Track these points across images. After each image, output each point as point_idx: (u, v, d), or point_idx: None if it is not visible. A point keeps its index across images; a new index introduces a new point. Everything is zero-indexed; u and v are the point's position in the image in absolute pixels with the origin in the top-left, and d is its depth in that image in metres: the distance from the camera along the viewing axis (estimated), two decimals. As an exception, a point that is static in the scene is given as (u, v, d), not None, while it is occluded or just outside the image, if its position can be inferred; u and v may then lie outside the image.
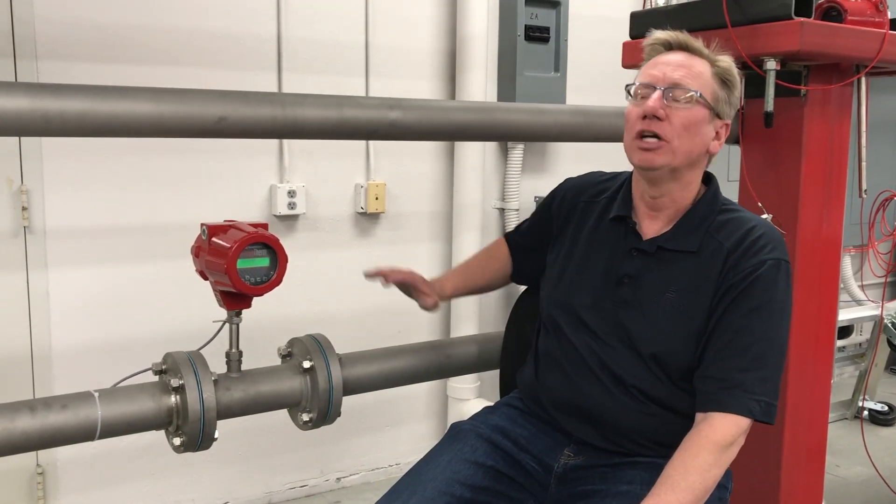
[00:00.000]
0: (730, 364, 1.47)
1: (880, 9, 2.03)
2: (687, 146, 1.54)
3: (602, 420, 1.58)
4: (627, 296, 1.58)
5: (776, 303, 1.50)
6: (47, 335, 2.64)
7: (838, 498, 3.18)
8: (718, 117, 1.57)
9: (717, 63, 1.58)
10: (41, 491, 2.68)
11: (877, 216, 3.86)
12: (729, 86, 1.58)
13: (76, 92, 1.45)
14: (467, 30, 3.16)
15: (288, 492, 3.16)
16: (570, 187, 1.80)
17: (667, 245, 1.58)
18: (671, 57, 1.58)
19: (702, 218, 1.58)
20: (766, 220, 1.63)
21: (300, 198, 2.97)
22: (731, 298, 1.50)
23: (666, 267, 1.57)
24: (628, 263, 1.60)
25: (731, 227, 1.56)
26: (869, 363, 3.91)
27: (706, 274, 1.53)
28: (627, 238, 1.62)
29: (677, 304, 1.53)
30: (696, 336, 1.52)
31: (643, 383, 1.55)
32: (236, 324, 1.60)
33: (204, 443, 1.51)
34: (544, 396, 1.66)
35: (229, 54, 2.83)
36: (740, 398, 1.45)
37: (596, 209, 1.71)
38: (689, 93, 1.53)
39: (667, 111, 1.52)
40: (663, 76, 1.54)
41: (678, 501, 1.37)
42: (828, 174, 2.13)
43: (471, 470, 1.57)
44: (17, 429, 1.38)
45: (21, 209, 2.55)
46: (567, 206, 1.76)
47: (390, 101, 1.77)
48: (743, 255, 1.52)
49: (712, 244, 1.55)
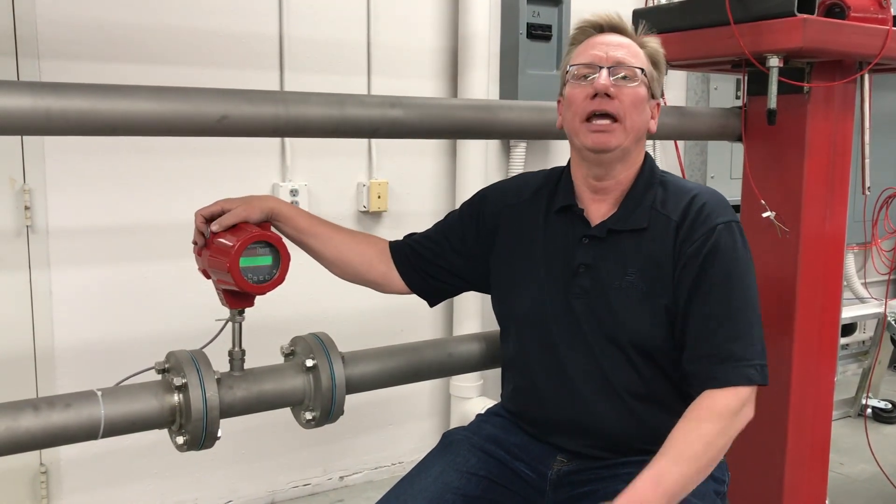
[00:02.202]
0: (716, 338, 1.46)
1: (883, 5, 2.02)
2: (637, 124, 1.54)
3: (587, 431, 1.56)
4: (586, 284, 1.55)
5: (741, 263, 1.50)
6: (50, 334, 2.64)
7: (842, 496, 3.18)
8: (652, 97, 1.57)
9: (647, 44, 1.58)
10: (45, 490, 2.69)
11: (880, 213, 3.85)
12: (658, 66, 1.59)
13: (78, 91, 1.44)
14: (469, 28, 3.16)
15: (291, 490, 3.16)
16: (497, 191, 1.75)
17: (616, 226, 1.55)
18: (607, 38, 1.56)
19: (643, 193, 1.57)
20: (705, 186, 1.62)
21: (302, 196, 2.97)
22: (694, 270, 1.48)
23: (619, 249, 1.55)
24: (581, 252, 1.57)
25: (674, 200, 1.55)
26: (872, 361, 3.91)
27: (661, 249, 1.52)
28: (575, 226, 1.59)
29: (639, 285, 1.52)
30: (666, 313, 1.50)
31: (621, 377, 1.52)
32: (239, 322, 1.59)
33: (207, 442, 1.51)
34: (525, 416, 1.65)
35: (231, 53, 2.83)
36: (736, 368, 1.44)
37: (537, 207, 1.66)
38: (634, 70, 1.52)
39: (615, 90, 1.50)
40: (606, 55, 1.52)
41: (680, 473, 1.36)
42: (831, 171, 2.12)
43: (463, 480, 1.56)
44: (21, 428, 1.38)
45: (24, 208, 2.55)
46: (497, 211, 1.70)
47: (392, 100, 1.76)
48: (692, 224, 1.51)
49: (660, 219, 1.54)
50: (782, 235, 2.08)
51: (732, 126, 2.21)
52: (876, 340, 3.93)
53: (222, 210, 1.55)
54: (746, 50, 1.93)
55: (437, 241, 1.74)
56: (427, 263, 1.73)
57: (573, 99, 1.54)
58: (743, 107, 2.19)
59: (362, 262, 1.73)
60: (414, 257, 1.74)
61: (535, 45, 3.32)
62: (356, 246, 1.74)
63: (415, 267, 1.73)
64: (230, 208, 1.55)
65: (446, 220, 1.78)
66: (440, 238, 1.74)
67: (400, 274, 1.74)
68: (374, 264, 1.74)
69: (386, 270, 1.74)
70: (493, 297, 1.71)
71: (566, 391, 1.56)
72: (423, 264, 1.73)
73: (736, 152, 3.61)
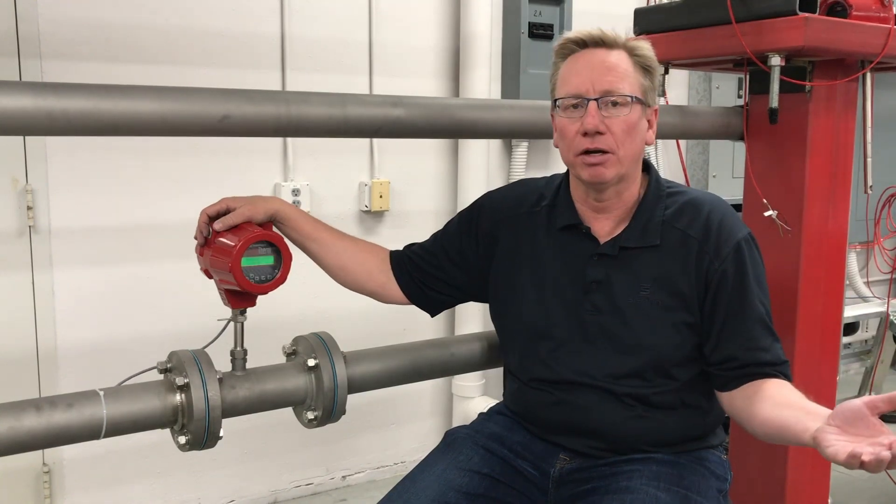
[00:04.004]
0: (755, 345, 1.50)
1: (885, 4, 2.02)
2: (631, 151, 1.51)
3: (595, 433, 1.56)
4: (599, 302, 1.55)
5: (761, 274, 1.55)
6: (52, 334, 2.64)
7: (845, 495, 3.17)
8: (648, 106, 1.54)
9: (636, 51, 1.52)
10: (47, 490, 2.69)
11: (882, 212, 3.84)
12: (651, 72, 1.54)
13: (80, 91, 1.45)
14: (471, 27, 3.16)
15: (293, 490, 3.17)
16: (495, 201, 1.72)
17: (629, 244, 1.55)
18: (592, 56, 1.50)
19: (653, 208, 1.56)
20: (708, 193, 1.64)
21: (304, 196, 2.97)
22: (728, 284, 1.51)
23: (631, 266, 1.54)
24: (592, 269, 1.56)
25: (687, 214, 1.55)
26: (875, 360, 3.90)
27: (678, 265, 1.52)
28: (583, 243, 1.58)
29: (654, 300, 1.52)
30: (683, 327, 1.52)
31: (634, 388, 1.53)
32: (241, 322, 1.59)
33: (209, 441, 1.51)
34: (531, 417, 1.65)
35: (233, 53, 2.83)
36: (780, 370, 1.49)
37: (538, 221, 1.64)
38: (623, 97, 1.48)
39: (606, 123, 1.47)
40: (592, 87, 1.48)
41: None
42: (833, 170, 2.12)
43: (466, 478, 1.55)
44: (23, 427, 1.38)
45: (26, 208, 2.55)
46: (496, 221, 1.68)
47: (394, 99, 1.76)
48: (717, 242, 1.52)
49: (674, 234, 1.54)
50: (784, 234, 2.08)
51: (734, 125, 2.20)
52: (878, 339, 3.92)
53: (227, 208, 1.55)
54: (748, 49, 1.93)
55: (435, 252, 1.73)
56: (426, 275, 1.73)
57: (565, 132, 1.52)
58: (745, 106, 2.19)
59: (362, 271, 1.73)
60: (413, 269, 1.73)
61: (537, 44, 3.32)
62: (357, 255, 1.73)
63: (413, 278, 1.73)
64: (235, 207, 1.55)
65: (445, 230, 1.77)
66: (438, 250, 1.73)
67: (399, 285, 1.74)
68: (374, 274, 1.74)
69: (385, 281, 1.74)
70: (492, 308, 1.71)
71: (570, 399, 1.57)
72: (422, 276, 1.73)
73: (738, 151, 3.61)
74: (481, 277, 1.70)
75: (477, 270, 1.70)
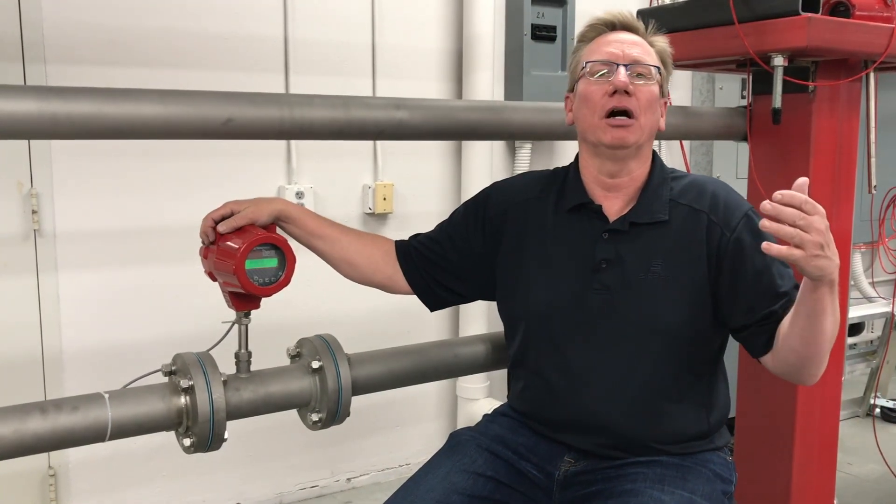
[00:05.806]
0: (779, 304, 1.50)
1: (888, 4, 2.02)
2: (650, 123, 1.56)
3: (599, 429, 1.56)
4: (609, 280, 1.55)
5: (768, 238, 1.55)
6: (58, 337, 2.65)
7: (850, 496, 3.17)
8: (662, 95, 1.60)
9: (656, 43, 1.60)
10: (53, 493, 2.69)
11: (887, 212, 3.83)
12: (667, 66, 1.62)
13: (84, 94, 1.45)
14: (474, 29, 3.16)
15: (298, 492, 3.17)
16: (502, 189, 1.75)
17: (639, 219, 1.57)
18: (621, 35, 1.58)
19: (659, 187, 1.59)
20: (714, 178, 1.67)
21: (308, 199, 2.98)
22: (747, 250, 1.52)
23: (641, 241, 1.56)
24: (601, 247, 1.57)
25: (692, 191, 1.59)
26: (880, 360, 3.90)
27: (688, 238, 1.55)
28: (593, 223, 1.60)
29: (665, 275, 1.53)
30: (697, 300, 1.53)
31: (637, 372, 1.53)
32: (245, 324, 1.60)
33: (214, 444, 1.51)
34: (535, 415, 1.65)
35: (236, 56, 2.84)
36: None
37: (545, 205, 1.66)
38: (650, 68, 1.55)
39: (633, 87, 1.53)
40: (622, 53, 1.55)
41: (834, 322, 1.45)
42: (837, 171, 2.12)
43: (469, 480, 1.55)
44: (29, 430, 1.39)
45: (31, 212, 2.56)
46: (503, 209, 1.69)
47: (397, 101, 1.76)
48: (725, 213, 1.55)
49: (681, 210, 1.57)
50: (788, 235, 2.07)
51: (738, 126, 2.20)
52: (884, 340, 3.92)
53: (231, 212, 1.56)
54: (751, 49, 1.93)
55: (441, 241, 1.74)
56: (431, 265, 1.73)
57: (589, 96, 1.55)
58: (748, 106, 2.18)
59: (368, 264, 1.74)
60: (418, 258, 1.74)
61: (540, 46, 3.32)
62: (363, 248, 1.74)
63: (418, 268, 1.74)
64: (239, 210, 1.56)
65: (451, 219, 1.78)
66: (444, 238, 1.74)
67: (404, 275, 1.74)
68: (381, 266, 1.75)
69: (392, 273, 1.75)
70: (498, 296, 1.71)
71: (577, 388, 1.57)
72: (427, 266, 1.73)
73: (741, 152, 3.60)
74: (487, 267, 1.70)
75: (482, 259, 1.70)
